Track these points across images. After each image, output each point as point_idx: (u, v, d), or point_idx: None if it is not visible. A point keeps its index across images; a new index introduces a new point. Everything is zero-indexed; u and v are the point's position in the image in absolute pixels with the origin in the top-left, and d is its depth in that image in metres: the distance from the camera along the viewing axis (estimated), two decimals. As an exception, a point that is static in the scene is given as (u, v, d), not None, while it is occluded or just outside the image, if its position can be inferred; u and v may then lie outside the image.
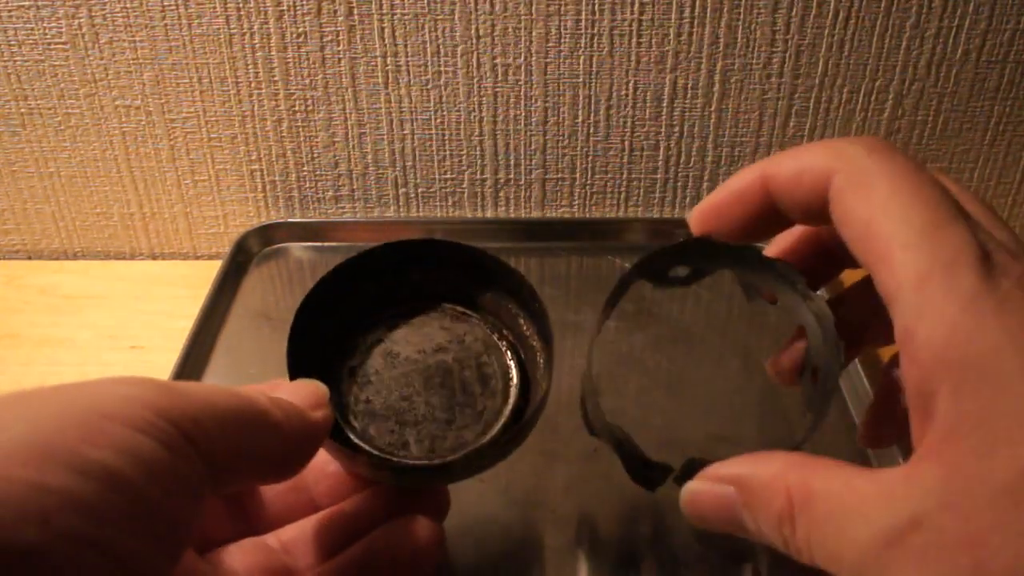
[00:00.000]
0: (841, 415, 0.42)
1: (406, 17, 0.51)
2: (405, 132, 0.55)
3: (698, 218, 0.28)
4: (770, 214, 0.27)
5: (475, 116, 0.55)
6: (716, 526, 0.25)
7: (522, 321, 0.37)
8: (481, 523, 0.37)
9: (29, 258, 0.60)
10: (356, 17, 0.51)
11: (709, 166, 0.56)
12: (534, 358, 0.36)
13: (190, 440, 0.20)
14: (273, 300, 0.51)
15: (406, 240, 0.36)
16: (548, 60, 0.53)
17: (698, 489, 0.25)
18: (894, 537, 0.19)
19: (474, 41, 0.52)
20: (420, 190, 0.57)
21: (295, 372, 0.31)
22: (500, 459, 0.33)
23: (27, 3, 0.51)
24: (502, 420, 0.34)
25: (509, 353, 0.36)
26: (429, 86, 0.54)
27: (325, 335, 0.35)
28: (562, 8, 0.51)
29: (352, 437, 0.33)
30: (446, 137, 0.55)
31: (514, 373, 0.36)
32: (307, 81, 0.53)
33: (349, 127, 0.55)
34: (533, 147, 0.56)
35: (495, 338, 0.37)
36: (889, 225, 0.22)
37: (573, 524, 0.37)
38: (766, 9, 0.51)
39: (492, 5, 0.51)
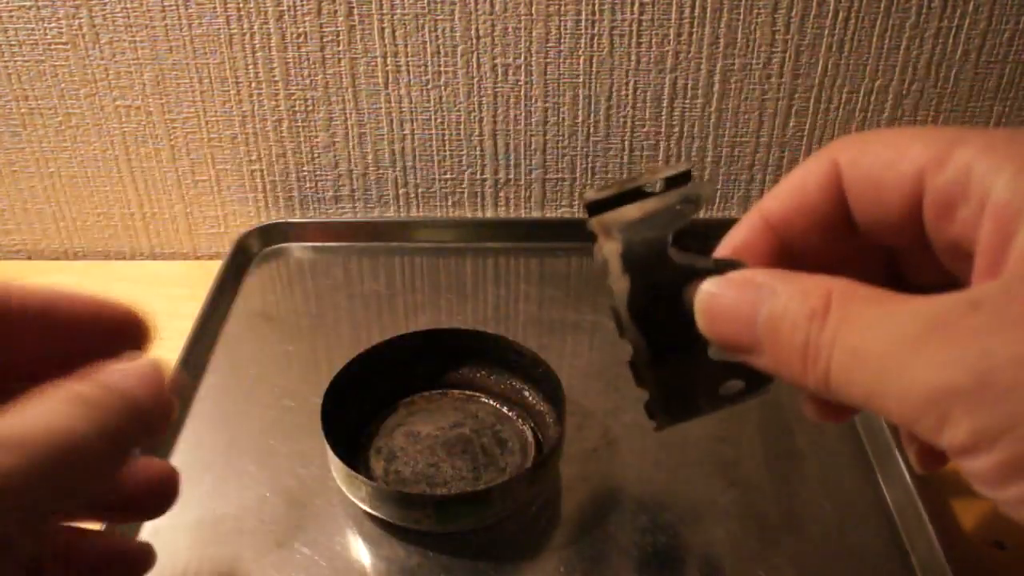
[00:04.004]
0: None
1: (406, 17, 0.51)
2: (405, 132, 0.55)
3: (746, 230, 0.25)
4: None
5: (475, 116, 0.55)
6: (725, 333, 0.23)
7: (528, 393, 0.42)
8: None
9: (29, 258, 0.60)
10: (356, 17, 0.51)
11: (709, 166, 0.56)
12: (544, 421, 0.40)
13: None
14: (273, 300, 0.51)
15: (406, 334, 0.41)
16: (548, 60, 0.53)
17: (719, 291, 0.23)
18: (948, 319, 0.18)
19: (474, 41, 0.52)
20: (420, 190, 0.57)
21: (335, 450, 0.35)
22: (534, 487, 0.36)
23: (28, 3, 0.51)
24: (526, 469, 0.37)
25: (520, 420, 0.41)
26: (429, 86, 0.54)
27: (348, 422, 0.39)
28: (562, 8, 0.51)
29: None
30: (446, 137, 0.55)
31: (529, 435, 0.40)
32: (307, 81, 0.53)
33: (349, 127, 0.55)
34: (533, 147, 0.56)
35: (505, 410, 0.41)
36: None
37: (573, 524, 0.37)
38: (766, 9, 0.51)
39: (492, 5, 0.51)
